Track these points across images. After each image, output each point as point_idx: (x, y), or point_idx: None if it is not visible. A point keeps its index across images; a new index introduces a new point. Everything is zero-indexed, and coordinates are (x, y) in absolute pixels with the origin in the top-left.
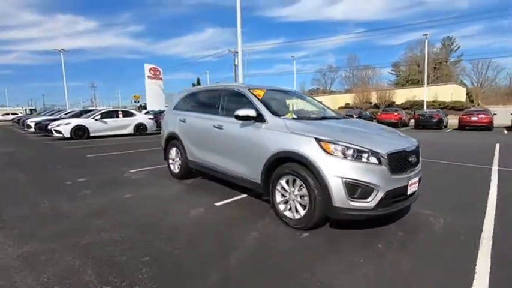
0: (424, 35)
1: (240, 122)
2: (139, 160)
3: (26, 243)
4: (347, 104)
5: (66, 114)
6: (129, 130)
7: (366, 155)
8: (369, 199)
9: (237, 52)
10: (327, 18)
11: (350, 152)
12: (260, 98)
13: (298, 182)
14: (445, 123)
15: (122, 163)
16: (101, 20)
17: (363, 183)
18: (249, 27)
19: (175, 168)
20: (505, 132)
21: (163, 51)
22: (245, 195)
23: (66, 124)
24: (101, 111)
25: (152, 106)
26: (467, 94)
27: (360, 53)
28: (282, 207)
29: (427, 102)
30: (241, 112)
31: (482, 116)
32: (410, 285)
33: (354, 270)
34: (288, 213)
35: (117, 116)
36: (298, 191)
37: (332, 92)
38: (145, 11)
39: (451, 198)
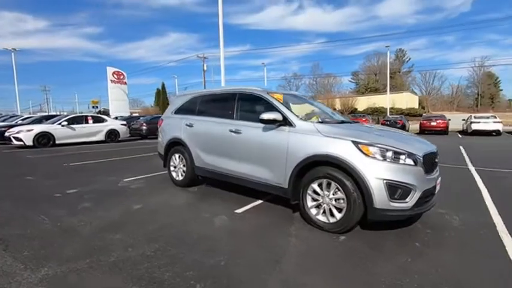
0: (386, 46)
1: (262, 126)
2: (126, 168)
3: (42, 265)
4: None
5: (23, 120)
6: (100, 137)
7: (403, 157)
8: (408, 199)
9: (206, 58)
10: (290, 27)
11: (389, 154)
12: (281, 102)
13: (334, 185)
14: (407, 128)
15: (109, 172)
16: (51, 19)
17: (402, 184)
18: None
19: (179, 175)
20: (459, 135)
21: (124, 55)
22: (260, 201)
23: (28, 131)
24: (68, 117)
25: (115, 111)
26: (419, 102)
27: (322, 61)
28: (314, 211)
29: (385, 109)
30: (266, 116)
31: (440, 121)
32: (470, 278)
33: (407, 270)
34: (321, 217)
35: (86, 122)
36: (334, 194)
37: None
38: (102, 12)
39: (451, 197)
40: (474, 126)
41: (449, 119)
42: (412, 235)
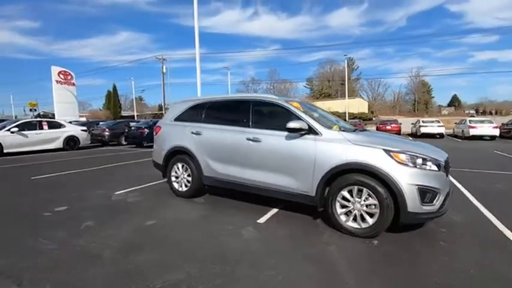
0: (344, 55)
1: (285, 134)
2: (109, 180)
3: None
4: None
5: None
6: (58, 144)
7: (429, 163)
8: (435, 202)
9: (164, 59)
10: (246, 33)
11: (419, 160)
12: (301, 110)
13: (365, 191)
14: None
15: (91, 185)
16: None
17: (431, 188)
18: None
19: (182, 186)
20: (410, 138)
21: (67, 53)
22: (275, 209)
23: None
24: (19, 122)
25: (62, 115)
26: (368, 107)
27: (278, 67)
28: (343, 218)
29: (340, 113)
30: (293, 124)
31: (394, 125)
32: (502, 268)
33: (451, 268)
34: (352, 224)
35: (41, 128)
36: (365, 200)
37: None
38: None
39: None
40: (423, 130)
41: (401, 123)
42: (432, 235)
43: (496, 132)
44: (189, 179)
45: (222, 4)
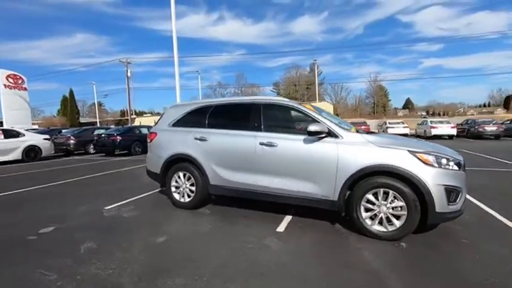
0: (314, 60)
1: (302, 138)
2: (93, 194)
3: None
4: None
5: None
6: (15, 155)
7: (451, 163)
8: (458, 201)
9: (129, 63)
10: (211, 37)
11: (444, 161)
12: (316, 113)
13: (391, 194)
14: None
15: (72, 200)
16: None
17: (456, 187)
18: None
19: (184, 196)
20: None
21: (12, 56)
22: (289, 216)
23: None
24: None
25: (13, 122)
26: (334, 110)
27: (245, 71)
28: (369, 222)
29: None
30: (314, 128)
31: (364, 127)
32: None
33: (488, 265)
34: (378, 227)
35: None
36: (391, 203)
37: None
38: None
39: None
40: (390, 130)
41: (369, 125)
42: (451, 233)
43: (454, 131)
44: (193, 188)
45: (186, 8)
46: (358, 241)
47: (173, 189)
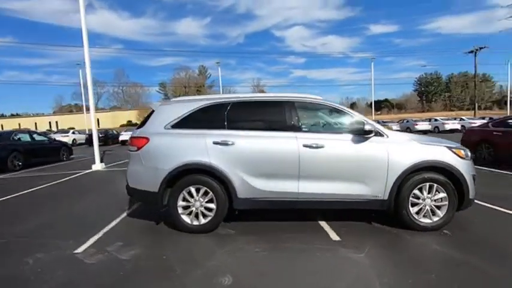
0: (216, 62)
1: (349, 137)
2: (32, 229)
3: None
4: (129, 121)
5: None
6: None
7: (470, 155)
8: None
9: None
10: (77, 26)
11: (468, 153)
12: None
13: (435, 187)
14: None
15: (15, 244)
16: None
17: (475, 175)
18: None
19: (199, 218)
20: None
21: None
22: (323, 222)
23: None
24: None
25: None
26: None
27: (125, 69)
28: (416, 216)
29: None
30: (368, 127)
31: None
32: None
33: None
34: (424, 220)
35: None
36: (434, 195)
37: (115, 108)
38: None
39: None
40: None
41: None
42: (468, 215)
43: None
44: (211, 206)
45: None
46: (411, 235)
47: (180, 210)
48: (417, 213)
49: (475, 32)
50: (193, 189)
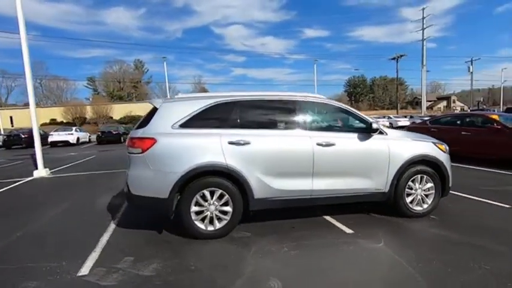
0: (163, 57)
1: (355, 135)
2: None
3: None
4: (53, 119)
5: None
6: None
7: (448, 149)
8: None
9: None
10: None
11: (447, 148)
12: None
13: (425, 178)
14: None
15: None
16: None
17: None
18: None
19: (214, 222)
20: None
21: None
22: (327, 217)
23: None
24: None
25: None
26: None
27: (44, 60)
28: (410, 204)
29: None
30: (375, 126)
31: None
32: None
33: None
34: (417, 207)
35: None
36: (424, 185)
37: (38, 105)
38: None
39: None
40: None
41: None
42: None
43: None
44: (226, 209)
45: None
46: (408, 222)
47: (193, 216)
48: (411, 202)
49: (391, 40)
50: (207, 193)
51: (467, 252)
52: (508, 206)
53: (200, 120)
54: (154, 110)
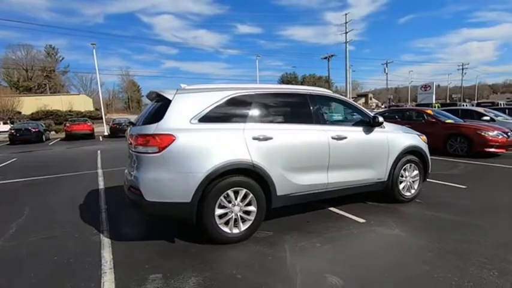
0: (92, 44)
1: (360, 129)
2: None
3: None
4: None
5: None
6: None
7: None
8: None
9: None
10: None
11: (426, 138)
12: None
13: (413, 166)
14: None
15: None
16: None
17: None
18: None
19: (239, 224)
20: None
21: None
22: (332, 208)
23: None
24: None
25: None
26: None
27: None
28: (402, 191)
29: (64, 111)
30: (380, 119)
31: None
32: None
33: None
34: (407, 193)
35: None
36: (411, 173)
37: None
38: None
39: None
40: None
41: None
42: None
43: None
44: (250, 209)
45: None
46: (402, 207)
47: (217, 220)
48: (403, 188)
49: (317, 41)
50: (231, 193)
51: (472, 230)
52: (464, 186)
53: (220, 114)
54: (165, 102)
